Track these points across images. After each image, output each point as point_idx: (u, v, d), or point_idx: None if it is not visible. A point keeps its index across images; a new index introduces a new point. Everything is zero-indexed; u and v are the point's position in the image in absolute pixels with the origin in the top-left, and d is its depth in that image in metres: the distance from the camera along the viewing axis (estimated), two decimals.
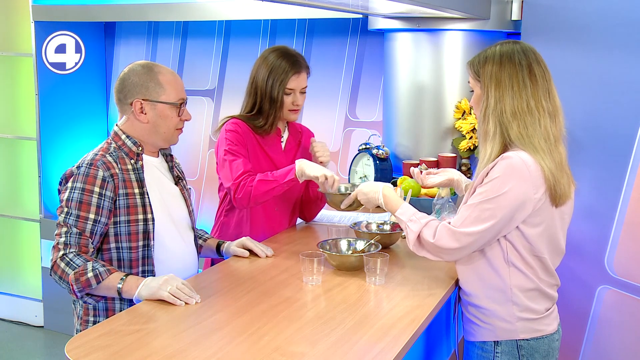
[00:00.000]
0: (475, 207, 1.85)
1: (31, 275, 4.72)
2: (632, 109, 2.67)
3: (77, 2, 4.28)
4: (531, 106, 1.86)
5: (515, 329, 1.93)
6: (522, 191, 1.82)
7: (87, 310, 2.11)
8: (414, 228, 1.96)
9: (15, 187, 4.79)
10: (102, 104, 4.72)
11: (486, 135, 1.91)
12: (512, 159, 1.82)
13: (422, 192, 2.89)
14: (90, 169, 2.04)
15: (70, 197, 2.03)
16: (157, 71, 2.13)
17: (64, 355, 1.60)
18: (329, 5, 2.91)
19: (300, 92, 2.65)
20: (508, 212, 1.82)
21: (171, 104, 2.13)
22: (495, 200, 1.82)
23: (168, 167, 2.27)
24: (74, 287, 1.96)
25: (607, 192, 2.74)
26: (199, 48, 4.33)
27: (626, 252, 2.72)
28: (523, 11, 2.99)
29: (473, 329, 2.02)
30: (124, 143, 2.14)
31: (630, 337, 2.74)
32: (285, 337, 1.70)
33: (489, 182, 1.84)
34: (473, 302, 1.99)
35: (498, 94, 1.87)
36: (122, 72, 2.16)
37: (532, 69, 1.88)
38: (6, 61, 4.66)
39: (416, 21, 3.10)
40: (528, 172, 1.82)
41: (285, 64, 2.61)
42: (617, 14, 2.70)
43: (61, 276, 1.97)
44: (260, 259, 2.36)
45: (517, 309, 1.92)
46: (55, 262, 1.99)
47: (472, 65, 1.97)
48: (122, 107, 2.16)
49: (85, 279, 1.95)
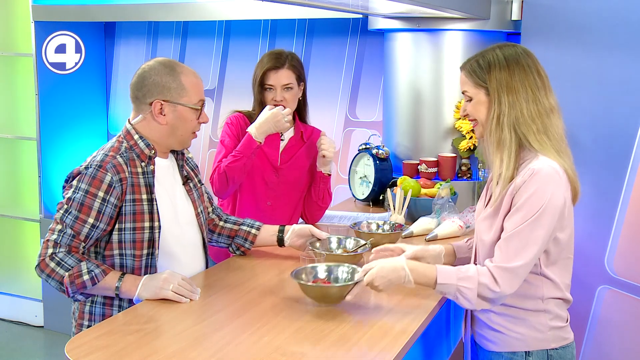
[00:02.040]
0: (519, 234, 1.76)
1: (31, 275, 4.71)
2: (632, 109, 2.67)
3: (77, 2, 4.28)
4: (546, 107, 1.82)
5: (547, 338, 1.87)
6: (560, 198, 1.77)
7: (83, 314, 2.08)
8: (470, 285, 1.78)
9: (15, 187, 4.79)
10: (102, 104, 4.71)
11: (501, 143, 1.83)
12: (542, 169, 1.76)
13: (422, 192, 2.90)
14: (98, 172, 1.98)
15: (72, 197, 1.98)
16: (180, 71, 2.04)
17: (64, 355, 1.60)
18: (329, 5, 2.91)
19: (282, 88, 2.67)
20: (552, 222, 1.77)
21: (191, 107, 2.05)
22: (539, 218, 1.75)
23: (178, 167, 2.19)
24: (69, 290, 1.95)
25: (607, 192, 2.74)
26: (199, 48, 4.33)
27: (626, 252, 2.72)
28: (523, 11, 2.98)
29: (498, 338, 1.91)
30: (136, 144, 2.05)
31: (630, 337, 2.74)
32: (285, 337, 1.70)
33: (525, 202, 1.76)
34: (501, 311, 1.88)
35: (511, 99, 1.81)
36: (142, 68, 2.06)
37: (538, 69, 1.86)
38: (6, 61, 4.66)
39: (416, 21, 3.10)
40: (559, 178, 1.78)
41: (265, 60, 2.68)
42: (617, 14, 2.70)
43: (50, 275, 1.95)
44: (260, 259, 2.35)
45: (549, 317, 1.86)
46: (43, 259, 1.96)
47: (472, 72, 1.88)
48: (138, 105, 2.06)
49: (80, 281, 1.93)
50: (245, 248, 2.37)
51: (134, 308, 1.89)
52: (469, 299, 1.79)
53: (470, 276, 1.79)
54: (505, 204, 1.82)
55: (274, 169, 2.72)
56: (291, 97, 2.69)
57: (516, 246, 1.76)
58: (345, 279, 1.96)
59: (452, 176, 3.10)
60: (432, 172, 3.10)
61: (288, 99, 2.68)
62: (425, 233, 2.63)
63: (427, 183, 2.95)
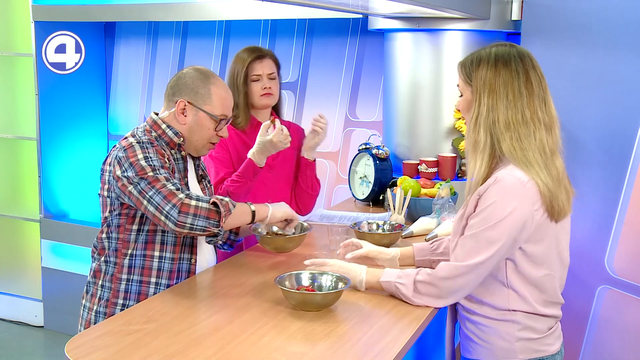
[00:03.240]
0: (475, 236, 1.76)
1: (31, 275, 4.72)
2: (632, 109, 2.67)
3: (77, 2, 4.28)
4: (526, 117, 1.75)
5: (514, 348, 1.82)
6: (523, 211, 1.72)
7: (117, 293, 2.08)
8: (405, 281, 1.88)
9: (15, 187, 4.79)
10: (102, 104, 4.71)
11: (476, 145, 1.79)
12: (506, 179, 1.73)
13: (422, 192, 2.90)
14: (154, 146, 2.03)
15: (150, 164, 1.97)
16: (212, 82, 2.13)
17: (64, 355, 1.60)
18: (329, 5, 2.91)
19: (268, 77, 2.73)
20: (511, 235, 1.73)
21: (212, 116, 2.12)
22: (497, 226, 1.73)
23: (194, 166, 2.25)
24: (222, 211, 1.95)
25: (607, 192, 2.74)
26: (199, 48, 4.33)
27: (626, 252, 2.72)
28: (523, 11, 2.98)
29: (470, 346, 1.90)
30: (164, 132, 2.11)
31: (630, 337, 2.74)
32: (285, 337, 1.70)
33: (485, 209, 1.74)
34: (471, 318, 1.88)
35: (491, 101, 1.76)
36: (181, 71, 2.18)
37: (528, 76, 1.77)
38: (6, 61, 4.66)
39: (416, 21, 3.10)
40: (524, 190, 1.73)
41: (246, 55, 2.74)
42: (617, 14, 2.70)
43: (196, 213, 1.92)
44: (260, 259, 2.36)
45: (517, 327, 1.81)
46: (182, 203, 1.91)
47: (463, 67, 1.84)
48: (168, 101, 2.15)
49: (225, 202, 1.98)
50: (232, 240, 2.40)
51: (134, 308, 1.89)
52: (405, 295, 1.88)
53: (409, 274, 1.89)
54: (470, 206, 1.81)
55: (268, 167, 2.72)
56: (276, 86, 2.76)
57: (470, 247, 1.77)
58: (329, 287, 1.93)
59: (452, 176, 3.10)
60: (432, 172, 3.10)
61: (273, 88, 2.74)
62: (425, 233, 2.63)
63: (427, 183, 2.95)
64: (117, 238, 2.09)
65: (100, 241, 2.13)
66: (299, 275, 1.96)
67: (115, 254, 2.10)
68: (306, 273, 1.97)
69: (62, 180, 4.55)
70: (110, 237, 2.10)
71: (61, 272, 4.46)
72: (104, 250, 2.12)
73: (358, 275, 1.97)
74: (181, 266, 2.13)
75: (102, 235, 2.13)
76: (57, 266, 4.49)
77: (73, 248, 4.41)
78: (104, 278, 2.11)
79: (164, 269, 2.10)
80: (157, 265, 2.09)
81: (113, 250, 2.10)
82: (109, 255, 2.10)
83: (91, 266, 2.17)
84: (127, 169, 1.98)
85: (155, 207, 1.93)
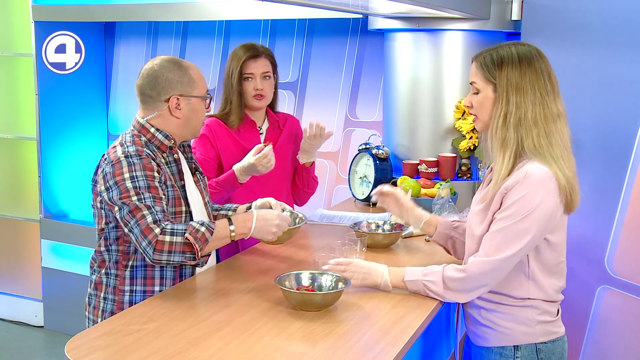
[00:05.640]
0: (505, 230, 1.81)
1: (31, 275, 4.72)
2: (632, 109, 2.67)
3: (77, 2, 4.27)
4: (553, 113, 1.82)
5: (535, 332, 1.89)
6: (551, 201, 1.80)
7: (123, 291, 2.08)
8: (433, 278, 1.91)
9: (15, 187, 4.79)
10: (102, 104, 4.71)
11: (505, 143, 1.84)
12: (533, 173, 1.79)
13: (422, 192, 2.90)
14: (141, 158, 2.00)
15: (136, 185, 1.96)
16: (186, 67, 2.12)
17: (64, 355, 1.60)
18: (329, 5, 2.91)
19: (262, 77, 2.70)
20: (540, 226, 1.80)
21: (202, 98, 2.14)
22: (528, 218, 1.79)
23: (186, 159, 2.24)
24: (197, 247, 1.93)
25: (607, 192, 2.74)
26: (199, 48, 4.33)
27: (626, 252, 2.72)
28: (523, 11, 2.98)
29: (488, 333, 1.94)
30: (153, 136, 2.09)
31: (630, 337, 2.74)
32: (285, 337, 1.70)
33: (514, 203, 1.80)
34: (490, 307, 1.93)
35: (518, 99, 1.82)
36: (149, 68, 2.10)
37: (550, 73, 1.85)
38: (6, 61, 4.66)
39: (416, 21, 3.10)
40: (551, 182, 1.80)
41: (242, 52, 2.71)
42: (617, 14, 2.70)
43: (170, 249, 1.91)
44: (260, 259, 2.36)
45: (537, 312, 1.89)
46: (156, 241, 1.90)
47: (484, 65, 1.87)
48: (152, 103, 2.10)
49: (200, 234, 1.94)
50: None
51: (134, 308, 1.89)
52: (436, 292, 1.91)
53: (435, 271, 1.91)
54: (495, 202, 1.85)
55: None
56: (269, 86, 2.74)
57: (499, 241, 1.81)
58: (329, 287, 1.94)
59: (452, 176, 3.10)
60: (432, 172, 3.10)
61: (266, 88, 2.72)
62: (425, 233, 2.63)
63: (427, 183, 2.95)
64: (117, 250, 2.08)
65: (99, 254, 2.12)
66: (299, 275, 1.96)
67: (116, 266, 2.09)
68: (306, 273, 1.97)
69: (62, 180, 4.55)
70: (109, 249, 2.09)
71: (61, 272, 4.46)
72: (104, 262, 2.10)
73: (381, 275, 1.99)
74: (184, 271, 2.13)
75: (100, 248, 2.11)
76: (57, 266, 4.49)
77: (73, 248, 4.41)
78: (106, 290, 2.10)
79: (167, 277, 2.09)
80: (160, 274, 2.08)
81: (114, 263, 2.09)
82: (109, 267, 2.10)
83: (91, 278, 2.16)
84: (111, 187, 1.98)
85: (135, 238, 1.95)
